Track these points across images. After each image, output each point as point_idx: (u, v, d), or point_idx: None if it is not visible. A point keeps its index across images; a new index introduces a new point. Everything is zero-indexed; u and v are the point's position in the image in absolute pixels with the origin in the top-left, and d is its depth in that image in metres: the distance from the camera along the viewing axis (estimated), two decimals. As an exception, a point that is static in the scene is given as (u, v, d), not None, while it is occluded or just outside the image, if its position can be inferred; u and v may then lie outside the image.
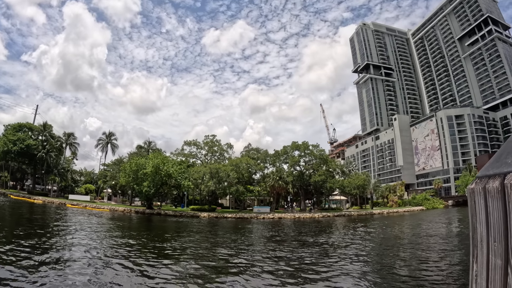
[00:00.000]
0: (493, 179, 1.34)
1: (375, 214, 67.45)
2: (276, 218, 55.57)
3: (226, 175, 62.70)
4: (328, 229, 31.90)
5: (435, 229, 27.71)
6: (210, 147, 76.10)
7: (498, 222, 1.31)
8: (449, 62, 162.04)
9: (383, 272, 11.40)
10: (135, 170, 55.39)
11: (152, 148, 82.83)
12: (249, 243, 19.54)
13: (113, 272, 9.50)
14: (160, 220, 42.26)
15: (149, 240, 18.55)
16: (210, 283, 8.90)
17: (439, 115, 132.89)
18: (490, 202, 1.34)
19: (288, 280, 9.72)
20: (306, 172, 72.36)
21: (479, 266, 1.43)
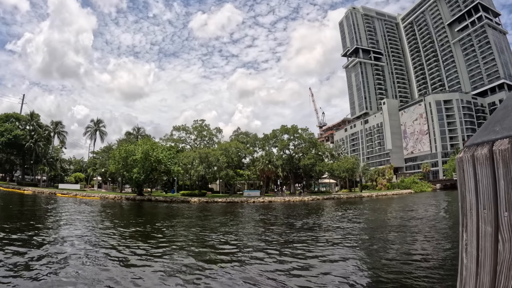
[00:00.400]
0: (481, 147, 1.35)
1: (364, 197, 68.18)
2: (266, 202, 55.76)
3: (216, 160, 62.49)
4: (317, 212, 32.00)
5: (423, 212, 27.91)
6: (199, 132, 75.68)
7: (487, 189, 1.31)
8: (438, 48, 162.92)
9: (372, 254, 11.41)
10: (124, 156, 54.99)
11: (141, 134, 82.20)
12: (239, 227, 19.52)
13: (103, 262, 9.34)
14: (151, 206, 42.08)
15: (140, 227, 18.36)
16: (200, 269, 8.80)
17: (428, 100, 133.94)
18: (479, 169, 1.34)
19: (278, 264, 9.69)
20: (296, 155, 72.45)
21: (469, 235, 1.43)
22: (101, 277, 7.83)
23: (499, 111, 1.44)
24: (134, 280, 7.76)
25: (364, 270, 9.01)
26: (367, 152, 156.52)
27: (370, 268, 9.15)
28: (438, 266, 9.08)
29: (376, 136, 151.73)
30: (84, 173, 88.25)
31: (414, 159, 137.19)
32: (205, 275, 8.19)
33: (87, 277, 7.75)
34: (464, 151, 1.46)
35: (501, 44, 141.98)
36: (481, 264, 1.35)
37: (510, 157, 1.24)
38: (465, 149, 1.48)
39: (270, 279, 8.00)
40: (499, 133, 1.32)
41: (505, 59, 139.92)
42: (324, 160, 75.76)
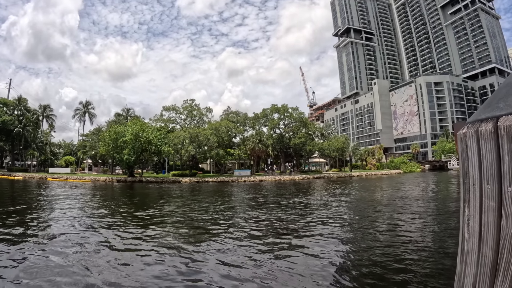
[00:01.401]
0: (485, 123, 1.33)
1: (354, 176, 68.52)
2: (257, 181, 55.99)
3: (206, 139, 62.37)
4: (308, 191, 31.90)
5: (412, 192, 27.90)
6: (189, 112, 75.25)
7: (491, 164, 1.30)
8: (430, 30, 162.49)
9: (361, 233, 11.40)
10: (114, 138, 54.46)
11: (130, 116, 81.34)
12: (230, 207, 19.40)
13: (92, 245, 9.17)
14: (142, 187, 41.81)
15: (131, 209, 18.04)
16: (189, 252, 8.65)
17: (419, 81, 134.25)
18: (483, 145, 1.33)
19: (266, 245, 9.59)
20: (286, 135, 72.63)
21: (471, 210, 1.42)
22: (89, 260, 7.73)
23: (503, 89, 1.42)
24: (120, 263, 7.66)
25: (352, 250, 9.01)
26: (357, 132, 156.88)
27: (357, 249, 9.14)
28: (424, 246, 9.08)
29: (366, 116, 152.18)
30: (74, 156, 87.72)
31: (403, 140, 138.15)
32: (193, 258, 8.07)
33: (75, 261, 7.64)
34: (468, 127, 1.44)
35: (493, 29, 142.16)
36: (483, 239, 1.34)
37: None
38: (468, 125, 1.46)
39: (256, 260, 7.96)
40: (503, 110, 1.31)
41: (497, 44, 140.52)
42: (314, 140, 76.15)
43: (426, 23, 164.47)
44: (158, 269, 7.23)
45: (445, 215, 15.46)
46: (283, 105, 71.70)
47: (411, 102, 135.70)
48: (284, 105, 71.59)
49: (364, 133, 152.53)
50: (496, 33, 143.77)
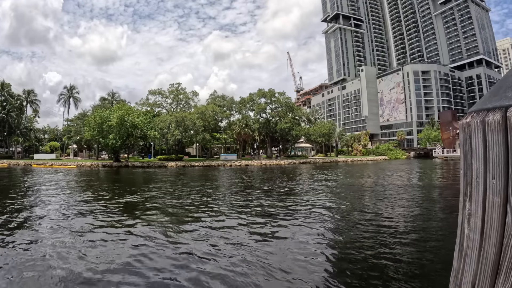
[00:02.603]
0: (493, 112, 1.24)
1: (340, 162, 69.14)
2: (243, 165, 56.24)
3: (192, 123, 62.20)
4: (293, 176, 31.91)
5: (397, 179, 27.91)
6: (176, 96, 74.65)
7: (498, 158, 1.21)
8: (420, 19, 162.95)
9: (345, 220, 11.34)
10: (99, 123, 54.08)
11: (116, 100, 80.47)
12: (216, 192, 19.30)
13: (80, 233, 8.96)
14: (128, 172, 41.58)
15: (116, 194, 17.78)
16: (173, 239, 8.55)
17: (406, 69, 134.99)
18: (490, 136, 1.23)
19: (250, 229, 9.57)
20: (272, 119, 72.63)
21: (473, 205, 1.34)
22: (70, 248, 7.52)
23: (510, 77, 1.32)
24: (101, 249, 7.54)
25: (334, 238, 8.91)
26: (343, 118, 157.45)
27: (340, 236, 9.05)
28: (407, 235, 9.00)
29: (353, 102, 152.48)
30: (59, 141, 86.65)
31: (389, 127, 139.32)
32: (177, 244, 7.98)
33: (58, 249, 7.47)
34: (472, 116, 1.34)
35: (482, 21, 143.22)
36: (486, 236, 1.27)
37: None
38: (472, 114, 1.36)
39: (240, 244, 7.96)
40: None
41: (486, 36, 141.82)
42: (300, 125, 76.39)
43: (416, 12, 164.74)
44: (136, 254, 7.17)
45: (429, 202, 15.54)
46: (270, 89, 71.49)
47: (398, 90, 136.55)
48: (270, 90, 71.44)
49: (351, 119, 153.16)
50: (485, 25, 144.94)
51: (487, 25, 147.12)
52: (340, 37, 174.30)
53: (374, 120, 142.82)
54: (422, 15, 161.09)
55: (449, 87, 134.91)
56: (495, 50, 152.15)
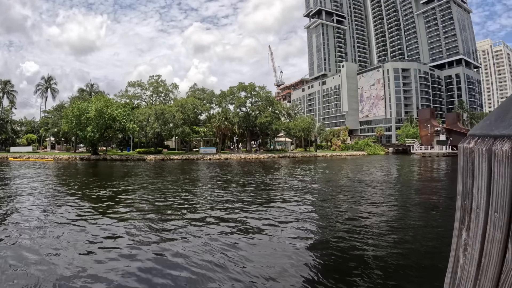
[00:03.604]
0: (501, 141, 1.15)
1: (319, 156, 69.90)
2: (222, 159, 56.35)
3: (172, 116, 61.88)
4: (272, 171, 32.13)
5: (375, 175, 28.08)
6: (155, 88, 73.96)
7: (503, 191, 1.13)
8: (402, 17, 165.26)
9: (322, 216, 11.30)
10: (77, 115, 53.38)
11: (94, 91, 79.17)
12: (193, 186, 19.10)
13: (54, 230, 8.65)
14: (106, 165, 41.20)
15: (93, 189, 17.28)
16: (149, 236, 8.35)
17: (386, 67, 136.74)
18: (496, 167, 1.14)
19: (226, 227, 9.38)
20: (252, 113, 72.92)
21: (471, 236, 1.27)
22: (43, 246, 7.27)
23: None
24: (74, 247, 7.31)
25: (309, 235, 8.82)
26: (323, 113, 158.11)
27: (318, 233, 9.06)
28: (382, 228, 9.17)
29: (333, 97, 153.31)
30: (36, 134, 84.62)
31: (368, 123, 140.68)
32: (151, 241, 7.80)
33: (27, 245, 7.33)
34: (476, 142, 1.25)
35: (464, 22, 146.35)
36: (483, 270, 1.21)
37: None
38: (476, 139, 1.26)
39: (217, 241, 7.88)
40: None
41: (466, 36, 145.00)
42: (280, 119, 76.90)
43: (398, 11, 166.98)
44: (103, 255, 6.92)
45: (404, 199, 15.69)
46: (250, 83, 71.68)
47: (378, 86, 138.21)
48: (251, 84, 71.57)
49: (330, 115, 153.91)
50: (466, 26, 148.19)
51: (468, 26, 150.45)
52: (322, 32, 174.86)
53: (354, 116, 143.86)
54: (404, 13, 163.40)
55: (428, 85, 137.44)
56: (475, 51, 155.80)
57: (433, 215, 11.62)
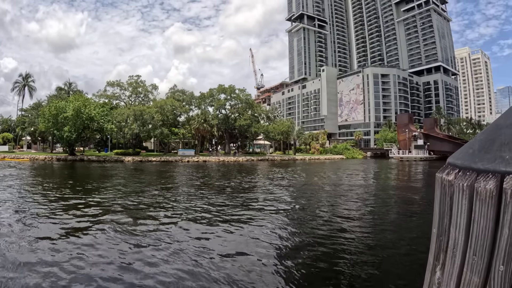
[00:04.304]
0: (485, 178, 1.05)
1: (298, 160, 70.64)
2: (201, 162, 56.27)
3: (151, 117, 61.58)
4: (251, 174, 32.23)
5: (353, 178, 28.48)
6: (134, 88, 73.28)
7: (484, 233, 1.05)
8: (382, 24, 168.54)
9: (299, 221, 11.37)
10: (54, 114, 52.60)
11: (73, 90, 78.12)
12: (171, 190, 18.95)
13: (25, 235, 8.48)
14: (82, 167, 40.56)
15: (67, 191, 17.00)
16: (130, 237, 8.39)
17: (366, 72, 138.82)
18: (478, 206, 1.05)
19: (200, 232, 9.31)
20: (232, 115, 73.03)
21: (445, 275, 1.19)
22: (13, 251, 7.14)
23: (504, 129, 1.13)
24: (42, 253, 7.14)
25: (288, 237, 8.95)
26: (302, 117, 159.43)
27: (294, 237, 9.10)
28: (361, 236, 9.17)
29: (312, 101, 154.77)
30: (12, 133, 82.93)
31: (347, 127, 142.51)
32: (119, 247, 7.64)
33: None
34: (457, 175, 1.15)
35: (443, 30, 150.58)
36: None
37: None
38: (457, 171, 1.17)
39: (193, 246, 7.82)
40: (511, 164, 1.03)
41: (445, 44, 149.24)
42: (260, 122, 77.34)
43: (379, 17, 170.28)
44: (73, 261, 6.71)
45: (380, 202, 15.89)
46: (230, 85, 71.99)
47: (357, 91, 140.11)
48: (231, 86, 71.88)
49: (310, 118, 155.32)
50: (445, 34, 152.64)
51: (447, 34, 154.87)
52: (303, 36, 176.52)
53: (333, 120, 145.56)
54: (385, 20, 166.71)
55: (407, 91, 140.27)
56: (453, 58, 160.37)
57: (408, 220, 11.84)
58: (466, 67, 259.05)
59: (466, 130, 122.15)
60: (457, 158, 1.20)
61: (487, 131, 1.21)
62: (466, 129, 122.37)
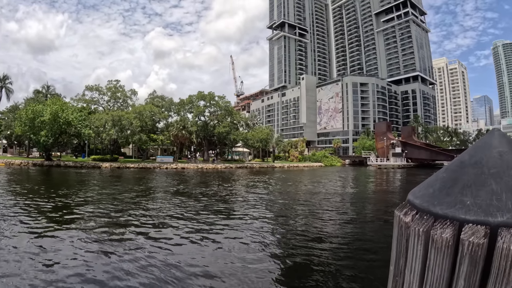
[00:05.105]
0: (442, 224, 1.00)
1: (276, 167, 71.33)
2: (179, 168, 56.20)
3: (129, 123, 61.14)
4: (229, 181, 32.29)
5: (331, 186, 28.62)
6: (113, 93, 72.51)
7: (438, 283, 0.99)
8: (362, 34, 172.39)
9: (277, 228, 11.54)
10: (31, 118, 51.56)
11: (51, 93, 76.75)
12: (148, 198, 18.62)
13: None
14: (59, 172, 39.97)
15: (41, 199, 16.41)
16: (98, 246, 8.21)
17: (345, 81, 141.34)
18: (433, 254, 0.99)
19: (174, 243, 9.10)
20: (211, 122, 73.20)
21: None
22: None
23: (469, 168, 1.10)
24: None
25: (267, 244, 9.05)
26: (281, 124, 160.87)
27: (272, 244, 9.24)
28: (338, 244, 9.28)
29: (292, 109, 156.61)
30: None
31: (326, 135, 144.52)
32: (90, 257, 7.47)
33: None
34: (414, 218, 1.09)
35: (421, 41, 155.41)
36: None
37: (483, 256, 0.92)
38: (415, 213, 1.11)
39: (159, 254, 7.77)
40: (471, 212, 0.98)
41: (423, 54, 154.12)
42: (239, 129, 77.87)
43: (359, 27, 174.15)
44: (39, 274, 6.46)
45: (357, 210, 16.14)
46: (210, 92, 72.29)
47: (336, 100, 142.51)
48: (210, 93, 72.16)
49: (289, 126, 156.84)
50: (424, 45, 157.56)
51: (426, 44, 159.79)
52: (284, 44, 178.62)
53: (312, 128, 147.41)
54: (365, 30, 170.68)
55: (385, 100, 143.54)
56: (431, 68, 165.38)
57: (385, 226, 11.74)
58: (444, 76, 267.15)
59: (443, 138, 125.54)
60: (417, 197, 1.14)
61: (450, 167, 1.15)
62: (443, 137, 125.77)
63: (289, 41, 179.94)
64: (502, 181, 1.00)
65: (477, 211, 0.96)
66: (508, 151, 1.07)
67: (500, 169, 1.04)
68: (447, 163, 0.99)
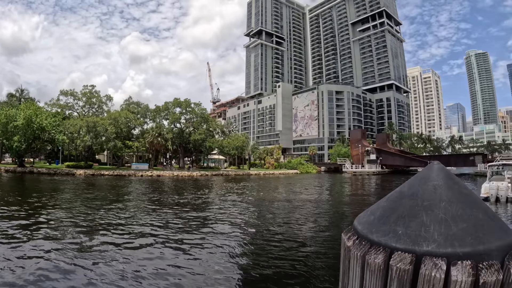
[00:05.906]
0: (376, 250, 1.11)
1: (252, 174, 72.00)
2: (155, 176, 56.05)
3: (104, 130, 60.70)
4: (205, 189, 32.39)
5: (306, 193, 29.26)
6: (88, 99, 71.74)
7: None
8: (338, 43, 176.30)
9: (257, 233, 11.75)
10: (4, 122, 50.48)
11: (24, 97, 75.35)
12: (121, 206, 18.38)
13: None
14: (31, 179, 39.35)
15: (8, 207, 15.73)
16: (63, 257, 8.00)
17: (321, 89, 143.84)
18: (369, 276, 1.11)
19: (149, 252, 9.09)
20: (187, 130, 73.37)
21: None
22: None
23: (407, 199, 1.19)
24: None
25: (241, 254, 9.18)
26: (257, 131, 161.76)
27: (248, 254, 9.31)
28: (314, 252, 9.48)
29: (268, 116, 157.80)
30: (-42, 141, 78.29)
31: (302, 142, 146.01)
32: (52, 268, 7.26)
33: None
34: (354, 243, 1.21)
35: (396, 50, 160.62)
36: None
37: (409, 280, 1.01)
38: (355, 239, 1.24)
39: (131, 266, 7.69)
40: (401, 241, 1.07)
41: (398, 63, 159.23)
42: (214, 136, 78.27)
43: (335, 36, 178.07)
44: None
45: (329, 217, 16.46)
46: (186, 99, 72.67)
47: (312, 107, 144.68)
48: (186, 100, 72.58)
49: (265, 133, 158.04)
50: (399, 54, 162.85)
51: (400, 54, 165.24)
52: (261, 52, 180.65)
53: (287, 135, 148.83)
54: (341, 39, 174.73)
55: (360, 108, 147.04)
56: (405, 77, 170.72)
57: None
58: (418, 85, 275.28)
59: (417, 144, 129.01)
60: (360, 223, 1.26)
61: (391, 197, 1.26)
62: (417, 144, 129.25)
63: (266, 49, 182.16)
64: (433, 213, 1.10)
65: (406, 241, 1.06)
66: (443, 185, 1.15)
67: (432, 202, 1.13)
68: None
